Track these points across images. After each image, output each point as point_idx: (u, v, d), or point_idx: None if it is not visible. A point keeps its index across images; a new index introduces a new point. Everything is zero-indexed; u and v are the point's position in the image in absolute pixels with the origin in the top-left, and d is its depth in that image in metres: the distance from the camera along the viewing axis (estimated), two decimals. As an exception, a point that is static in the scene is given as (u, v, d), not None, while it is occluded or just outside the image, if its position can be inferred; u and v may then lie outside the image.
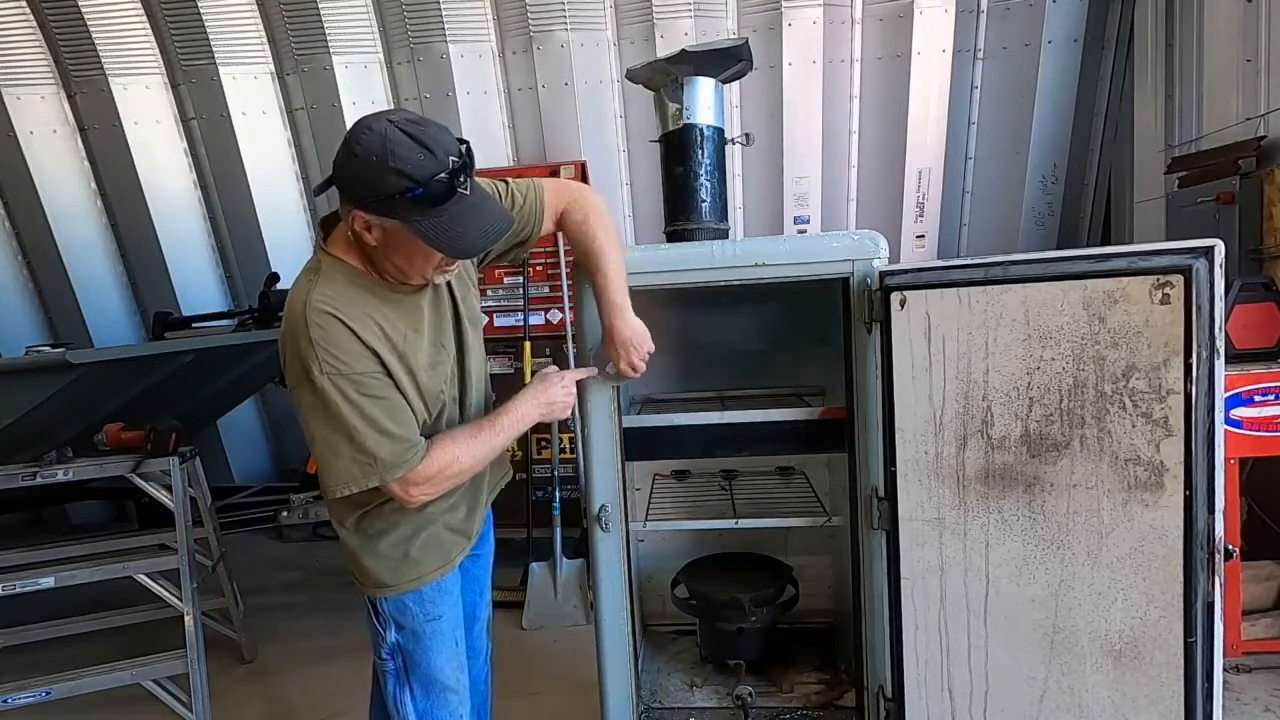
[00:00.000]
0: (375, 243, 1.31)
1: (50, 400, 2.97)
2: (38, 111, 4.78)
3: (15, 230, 5.03)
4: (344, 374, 1.30)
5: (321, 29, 4.58)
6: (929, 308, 1.50)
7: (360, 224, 1.29)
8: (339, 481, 1.34)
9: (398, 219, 1.24)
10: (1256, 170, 3.21)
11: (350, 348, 1.31)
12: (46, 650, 3.04)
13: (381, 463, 1.33)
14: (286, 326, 1.34)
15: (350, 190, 1.26)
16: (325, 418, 1.32)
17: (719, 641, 2.14)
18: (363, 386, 1.32)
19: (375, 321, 1.34)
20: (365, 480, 1.34)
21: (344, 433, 1.31)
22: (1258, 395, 2.49)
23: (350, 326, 1.31)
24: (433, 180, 1.20)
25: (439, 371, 1.48)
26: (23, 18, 4.59)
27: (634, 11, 4.48)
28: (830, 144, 4.63)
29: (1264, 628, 2.65)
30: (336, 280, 1.35)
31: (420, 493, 1.38)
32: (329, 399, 1.30)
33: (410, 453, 1.36)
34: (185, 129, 4.87)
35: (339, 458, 1.33)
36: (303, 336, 1.29)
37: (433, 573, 1.54)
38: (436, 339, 1.49)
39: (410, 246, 1.30)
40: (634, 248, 1.76)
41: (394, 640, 1.55)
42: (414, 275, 1.37)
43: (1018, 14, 4.39)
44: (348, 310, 1.32)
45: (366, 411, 1.32)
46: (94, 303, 5.13)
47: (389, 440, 1.34)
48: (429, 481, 1.38)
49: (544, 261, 3.82)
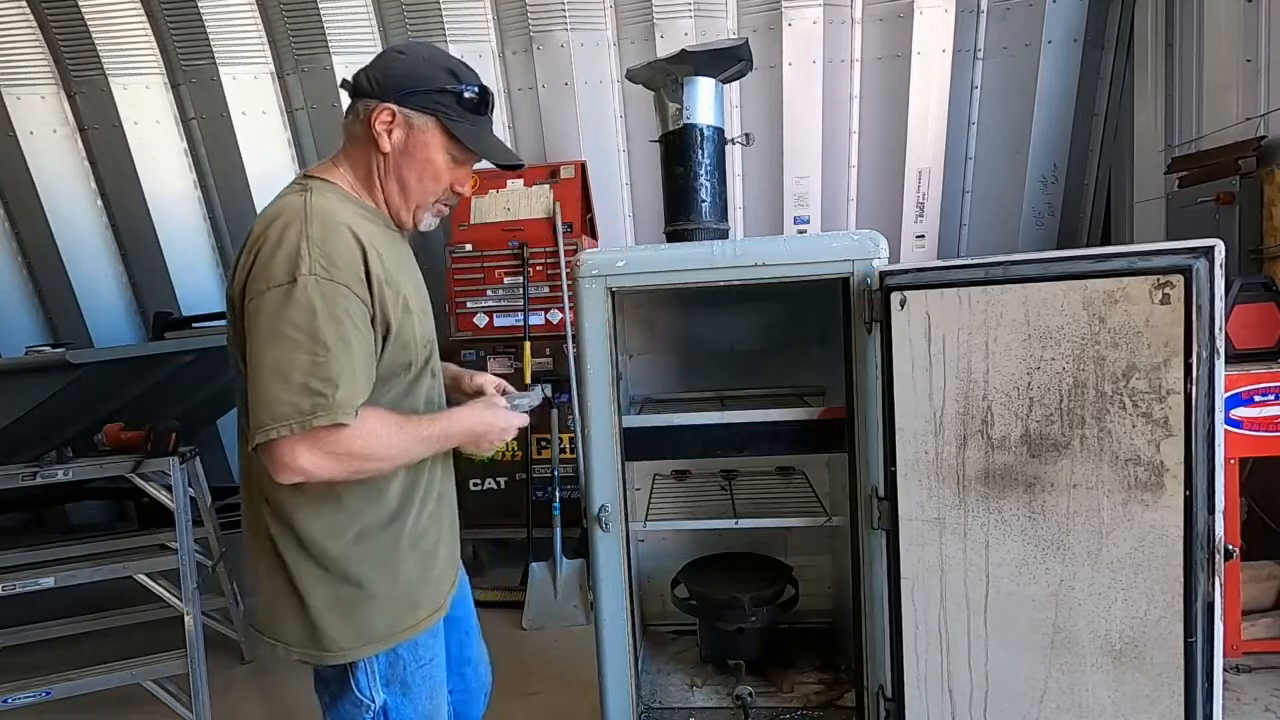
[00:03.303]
0: (393, 146, 1.24)
1: (50, 400, 2.96)
2: (38, 111, 4.77)
3: (15, 230, 5.02)
4: (336, 282, 1.11)
5: (321, 29, 4.58)
6: (929, 308, 1.50)
7: (385, 120, 1.23)
8: (278, 417, 1.07)
9: (435, 114, 1.24)
10: (1256, 170, 3.21)
11: (350, 260, 1.14)
12: (46, 650, 3.04)
13: (335, 400, 1.08)
14: (270, 224, 1.14)
15: (389, 83, 1.23)
16: (290, 330, 1.08)
17: (719, 641, 2.14)
18: (349, 306, 1.13)
19: (377, 250, 1.19)
20: (312, 418, 1.07)
21: (308, 350, 1.08)
22: (1258, 395, 2.49)
23: (359, 240, 1.16)
24: (477, 86, 1.28)
25: (429, 320, 1.35)
26: (23, 18, 4.59)
27: (634, 11, 4.47)
28: (830, 144, 4.63)
29: (1264, 628, 2.65)
30: (330, 196, 1.23)
31: (322, 463, 1.10)
32: (308, 305, 1.09)
33: (356, 404, 1.12)
34: (185, 129, 4.86)
35: (288, 385, 1.07)
36: (296, 229, 1.12)
37: (431, 616, 1.34)
38: (420, 290, 1.37)
39: (429, 154, 1.26)
40: (634, 248, 1.76)
41: (381, 703, 1.28)
42: (413, 198, 1.30)
43: (1018, 14, 4.39)
44: (357, 226, 1.18)
45: (345, 332, 1.11)
46: (94, 303, 5.12)
47: (352, 375, 1.11)
48: (346, 452, 1.12)
49: (544, 261, 3.82)
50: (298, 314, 1.08)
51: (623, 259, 1.72)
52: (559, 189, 3.95)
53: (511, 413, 1.40)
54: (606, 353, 1.73)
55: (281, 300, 1.09)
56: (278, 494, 1.22)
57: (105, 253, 5.09)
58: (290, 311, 1.08)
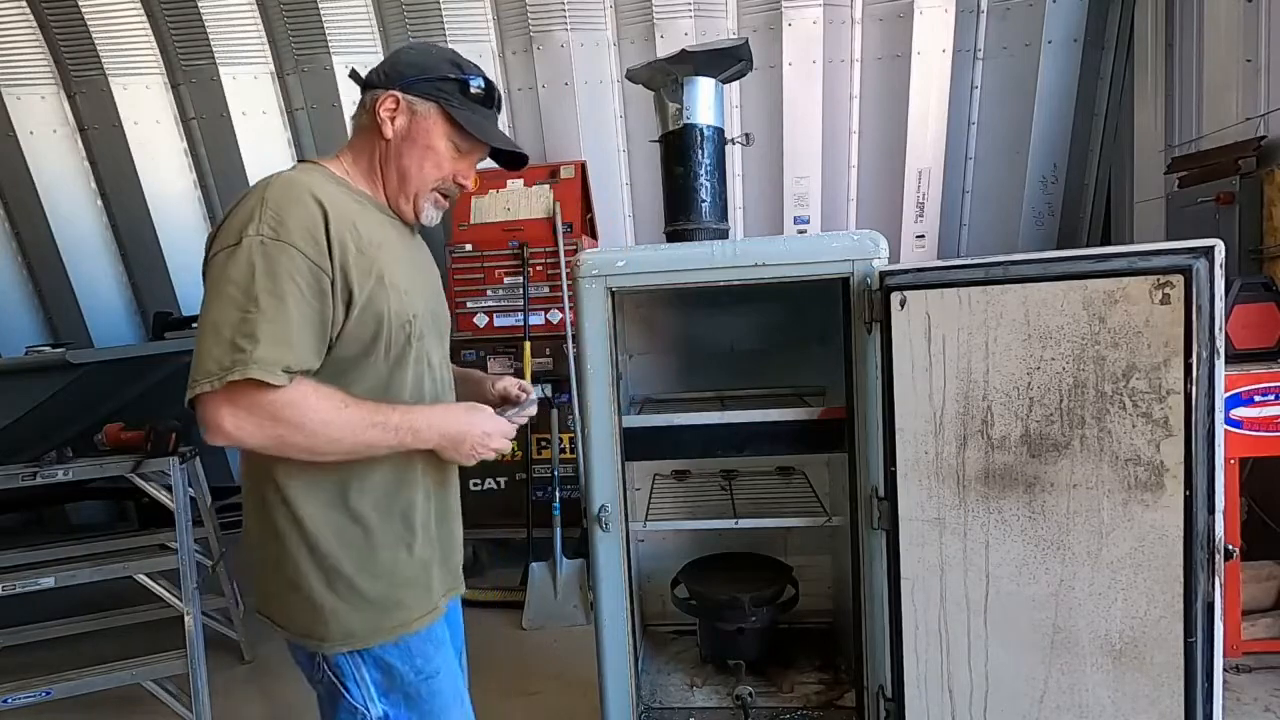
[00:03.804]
0: (395, 132, 1.26)
1: (50, 400, 2.97)
2: (38, 111, 4.77)
3: (15, 230, 5.03)
4: (281, 241, 1.08)
5: (321, 29, 4.58)
6: (929, 308, 1.50)
7: (389, 107, 1.25)
8: (203, 373, 1.05)
9: (438, 100, 1.26)
10: (1256, 170, 3.21)
11: (305, 224, 1.10)
12: (46, 650, 3.04)
13: (254, 356, 1.03)
14: (231, 206, 1.15)
15: (395, 73, 1.27)
16: (230, 288, 1.06)
17: (719, 641, 2.14)
18: (294, 268, 1.08)
19: (350, 218, 1.17)
20: (229, 371, 1.03)
21: (240, 306, 1.05)
22: (1258, 395, 2.49)
23: (321, 204, 1.13)
24: (483, 79, 1.31)
25: (415, 299, 1.27)
26: (23, 18, 4.59)
27: (634, 11, 4.48)
28: (830, 144, 4.63)
29: (1264, 628, 2.65)
30: (313, 173, 1.22)
31: (243, 424, 1.06)
32: (248, 263, 1.06)
33: (284, 368, 1.06)
34: (185, 129, 4.87)
35: (218, 341, 1.05)
36: (255, 196, 1.12)
37: (420, 618, 1.27)
38: (416, 276, 1.33)
39: (431, 140, 1.27)
40: (634, 248, 1.76)
41: (380, 714, 1.24)
42: (412, 185, 1.28)
43: (1018, 14, 4.39)
44: (325, 194, 1.15)
45: (281, 289, 1.07)
46: (94, 303, 5.13)
47: (281, 333, 1.06)
48: (269, 416, 1.07)
49: (544, 261, 3.82)
50: (236, 272, 1.07)
51: (623, 259, 1.72)
52: (559, 189, 3.95)
53: (498, 419, 1.31)
54: (606, 353, 1.73)
55: (225, 261, 1.08)
56: (273, 466, 1.19)
57: (105, 253, 5.09)
58: (230, 269, 1.07)
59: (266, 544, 1.22)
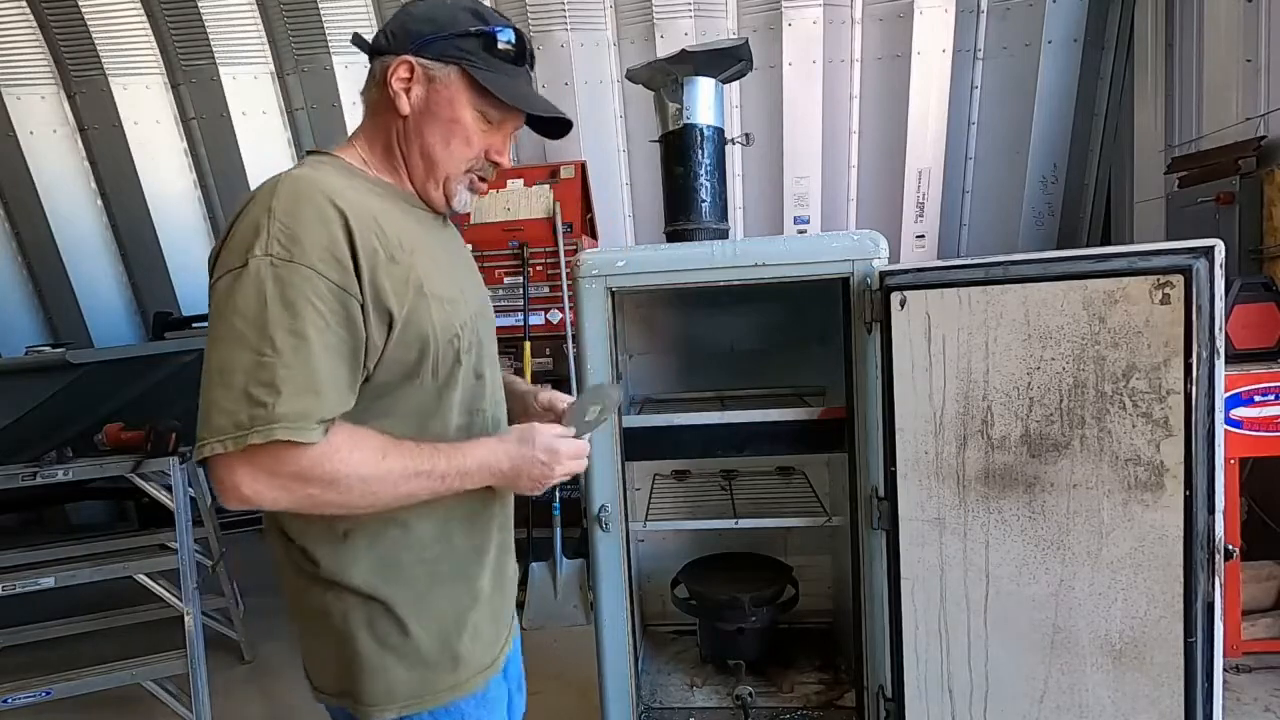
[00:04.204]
0: (412, 106, 1.06)
1: (50, 400, 2.97)
2: (38, 111, 4.78)
3: (15, 230, 5.03)
4: (295, 262, 0.89)
5: (321, 29, 4.58)
6: (929, 308, 1.50)
7: (402, 76, 1.05)
8: (214, 430, 0.87)
9: (458, 63, 1.05)
10: (1256, 170, 3.21)
11: (321, 235, 0.91)
12: (46, 650, 3.04)
13: (275, 412, 0.86)
14: (242, 205, 0.96)
15: (405, 34, 1.06)
16: (237, 322, 0.88)
17: (719, 641, 2.14)
18: (313, 292, 0.90)
19: (373, 218, 0.97)
20: (248, 432, 0.86)
21: (253, 347, 0.87)
22: (1258, 395, 2.49)
23: (341, 210, 0.93)
24: (506, 28, 1.07)
25: (462, 308, 1.08)
26: (23, 18, 4.59)
27: (634, 11, 4.48)
28: (830, 144, 4.63)
29: (1264, 628, 2.65)
30: (325, 168, 1.03)
31: (263, 489, 0.90)
32: (258, 292, 0.88)
33: (317, 418, 0.89)
34: (185, 129, 4.87)
35: (229, 390, 0.87)
36: (259, 205, 0.92)
37: (478, 675, 1.10)
38: (455, 276, 1.12)
39: (455, 111, 1.06)
40: (634, 248, 1.76)
41: None
42: (440, 167, 1.08)
43: (1018, 14, 4.39)
44: (342, 195, 0.95)
45: (302, 325, 0.89)
46: (94, 303, 5.13)
47: (305, 381, 0.88)
48: (296, 478, 0.90)
49: (544, 261, 3.81)
50: (244, 303, 0.88)
51: (623, 259, 1.72)
52: (559, 189, 3.94)
53: (565, 440, 1.10)
54: (606, 353, 1.73)
55: (229, 288, 0.90)
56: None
57: (105, 253, 5.09)
58: (238, 299, 0.89)
59: (286, 574, 1.08)
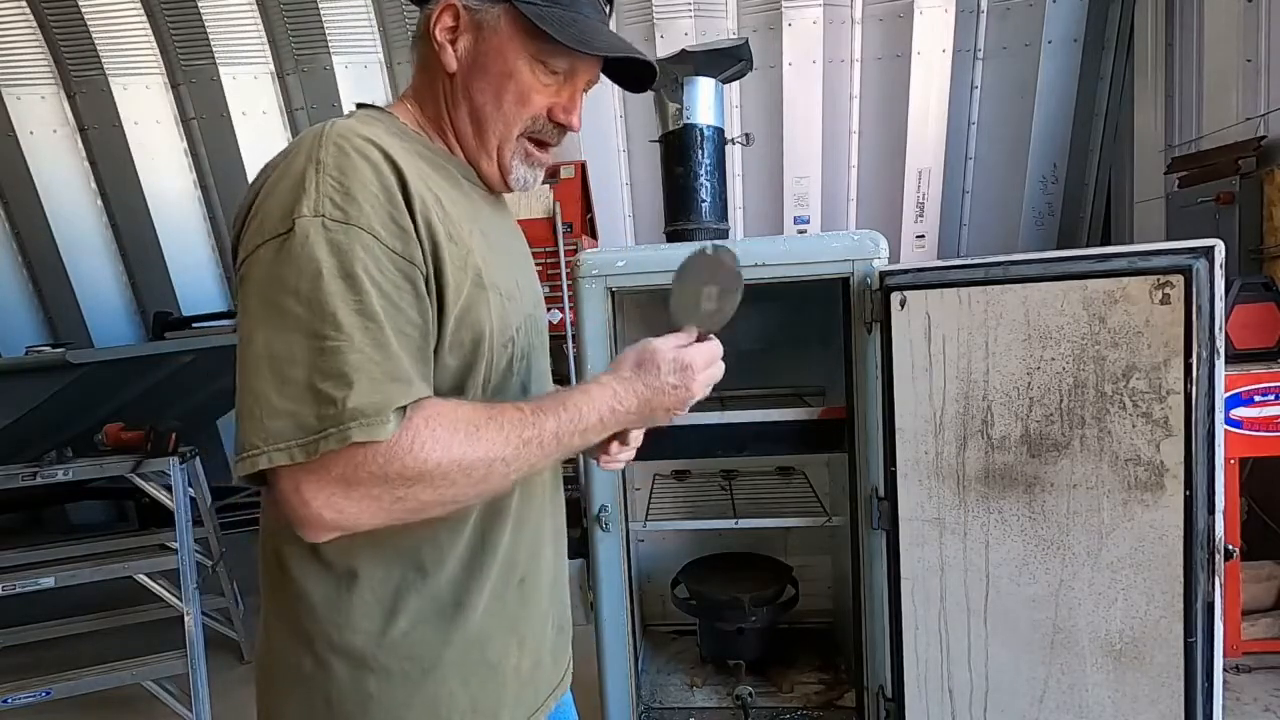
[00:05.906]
0: (459, 60, 0.88)
1: (50, 400, 2.97)
2: (38, 111, 4.78)
3: (15, 230, 5.03)
4: (353, 225, 0.72)
5: (321, 29, 4.59)
6: (929, 308, 1.50)
7: (447, 25, 0.87)
8: (272, 436, 0.68)
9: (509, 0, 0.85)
10: (1256, 170, 3.22)
11: (378, 191, 0.75)
12: (46, 650, 3.04)
13: (348, 408, 0.68)
14: (280, 158, 0.80)
15: None
16: (288, 301, 0.70)
17: (719, 641, 2.14)
18: (376, 263, 0.73)
19: (434, 194, 0.81)
20: (320, 437, 0.68)
21: (310, 331, 0.70)
22: (1258, 395, 2.49)
23: (398, 166, 0.77)
24: None
25: (518, 306, 0.92)
26: (23, 18, 4.60)
27: (634, 11, 4.48)
28: (830, 144, 4.64)
29: (1264, 628, 2.65)
30: (375, 123, 0.85)
31: (345, 506, 0.71)
32: (310, 261, 0.70)
33: (390, 405, 0.70)
34: (185, 129, 4.87)
35: (286, 383, 0.69)
36: (303, 154, 0.76)
37: None
38: (512, 268, 0.96)
39: (506, 62, 0.87)
40: (634, 248, 1.76)
41: None
42: (491, 130, 0.90)
43: (1018, 14, 4.39)
44: (399, 154, 0.79)
45: (368, 302, 0.71)
46: (94, 303, 5.14)
47: (383, 369, 0.71)
48: (380, 482, 0.71)
49: (544, 261, 3.81)
50: (295, 276, 0.70)
51: (623, 259, 1.72)
52: (559, 189, 3.95)
53: (687, 351, 0.87)
54: (607, 353, 1.73)
55: (273, 258, 0.72)
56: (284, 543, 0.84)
57: (105, 253, 5.10)
58: (286, 273, 0.71)
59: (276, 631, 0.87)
